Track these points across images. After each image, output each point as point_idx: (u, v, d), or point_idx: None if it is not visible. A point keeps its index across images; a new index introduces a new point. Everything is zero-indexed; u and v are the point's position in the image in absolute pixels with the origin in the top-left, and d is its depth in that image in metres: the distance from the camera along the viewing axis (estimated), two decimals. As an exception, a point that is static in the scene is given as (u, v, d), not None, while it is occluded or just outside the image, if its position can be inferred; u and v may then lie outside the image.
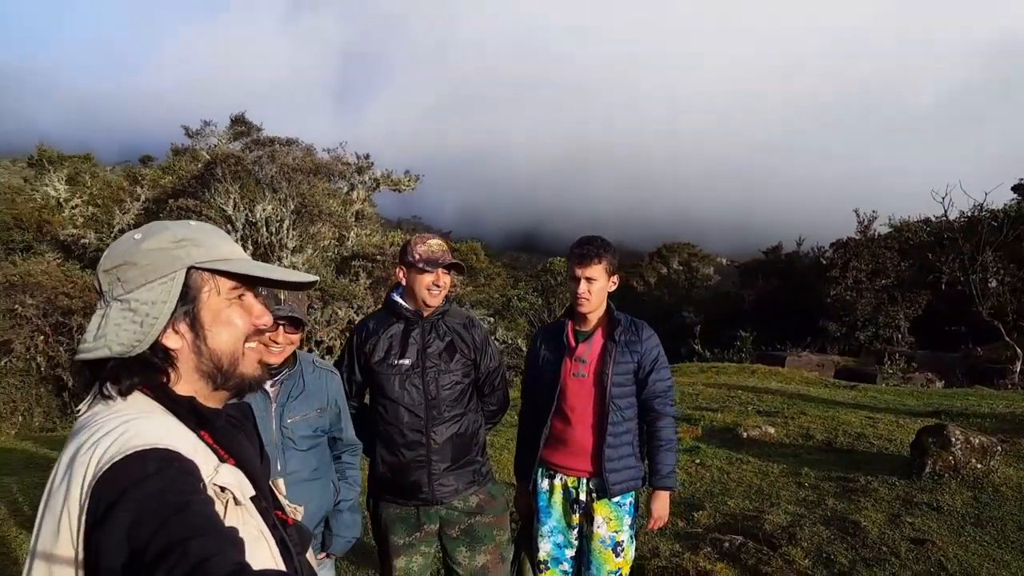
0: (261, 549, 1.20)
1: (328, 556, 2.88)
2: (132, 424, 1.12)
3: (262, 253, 14.63)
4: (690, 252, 32.99)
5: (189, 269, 1.25)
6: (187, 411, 1.23)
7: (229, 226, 14.40)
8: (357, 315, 14.21)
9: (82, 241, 17.78)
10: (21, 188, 21.87)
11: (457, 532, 3.13)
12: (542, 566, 3.39)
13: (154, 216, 16.58)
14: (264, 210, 14.28)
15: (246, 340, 1.30)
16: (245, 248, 15.00)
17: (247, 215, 14.41)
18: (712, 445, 7.68)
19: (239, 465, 1.25)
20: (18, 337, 13.88)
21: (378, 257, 14.85)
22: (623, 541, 3.28)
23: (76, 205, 20.20)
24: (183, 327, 1.25)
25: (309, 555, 1.44)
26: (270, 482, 1.45)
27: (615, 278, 3.32)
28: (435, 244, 3.08)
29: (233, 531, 1.07)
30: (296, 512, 1.51)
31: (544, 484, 3.40)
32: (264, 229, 14.48)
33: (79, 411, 1.22)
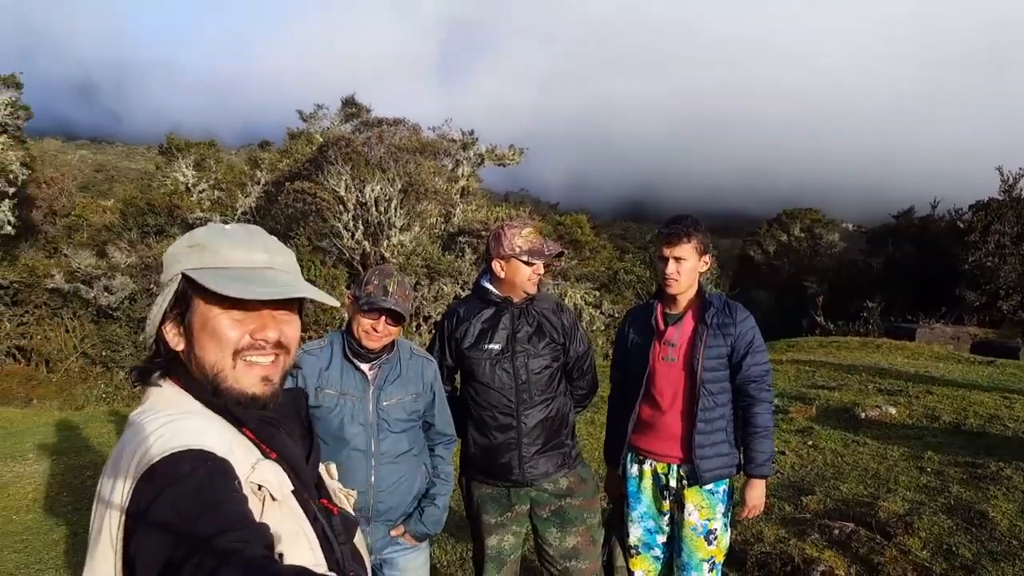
0: (300, 543, 1.21)
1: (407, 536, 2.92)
2: (172, 425, 1.16)
3: (372, 232, 15.03)
4: (813, 218, 31.23)
5: (182, 275, 1.26)
6: (225, 410, 1.26)
7: (341, 206, 14.85)
8: (463, 291, 14.39)
9: (208, 223, 18.76)
10: (153, 174, 23.35)
11: (547, 513, 3.17)
12: (632, 551, 3.35)
13: (273, 199, 17.31)
14: (373, 190, 14.62)
15: (239, 353, 1.26)
16: (355, 228, 15.63)
17: (358, 195, 14.80)
18: (827, 426, 7.31)
19: (282, 459, 1.27)
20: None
21: (483, 233, 14.93)
22: (716, 529, 3.18)
23: (203, 189, 21.38)
24: (180, 331, 1.28)
25: (358, 539, 1.45)
26: (321, 467, 1.48)
27: (707, 258, 3.20)
28: (532, 233, 3.09)
29: (264, 527, 1.10)
30: (349, 496, 1.53)
31: (633, 470, 3.35)
32: (373, 209, 14.84)
33: (136, 387, 1.33)
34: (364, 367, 2.77)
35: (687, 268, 3.11)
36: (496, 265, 3.13)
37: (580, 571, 3.18)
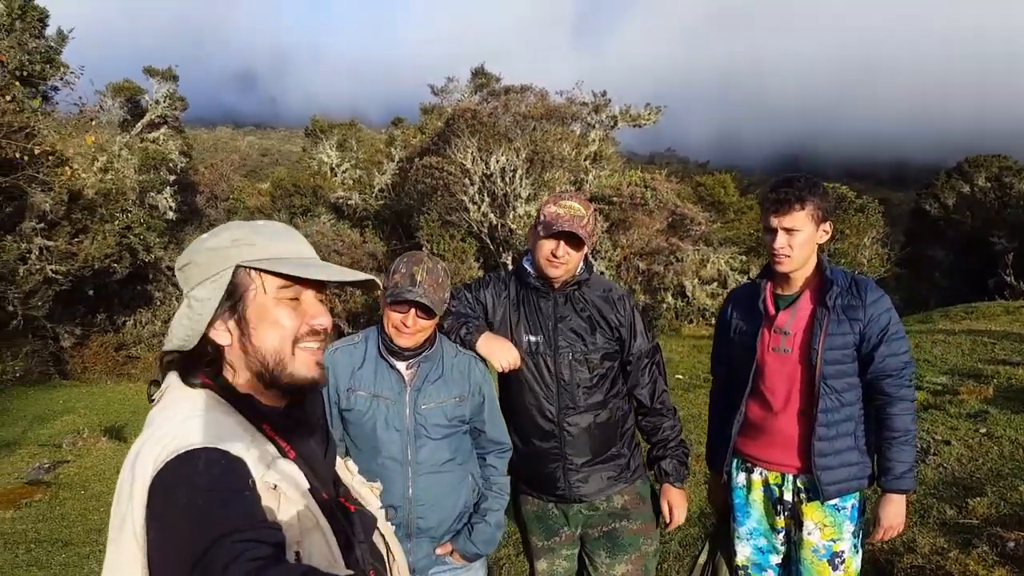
0: (317, 540, 1.22)
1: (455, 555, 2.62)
2: (188, 423, 1.19)
3: (499, 204, 14.88)
4: (1001, 165, 27.73)
5: (236, 267, 1.27)
6: (245, 406, 1.28)
7: (467, 179, 14.78)
8: (594, 259, 13.97)
9: (349, 202, 19.44)
10: (300, 157, 24.47)
11: (598, 533, 2.81)
12: (741, 572, 2.93)
13: (406, 175, 17.58)
14: (498, 161, 14.42)
15: (298, 341, 1.29)
16: (481, 200, 15.56)
17: (483, 167, 14.67)
18: (1006, 411, 6.28)
19: (300, 457, 1.29)
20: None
21: (615, 199, 14.39)
22: (843, 551, 2.71)
23: (345, 169, 22.13)
24: (232, 324, 1.28)
25: (383, 527, 1.48)
26: (340, 463, 1.50)
27: (826, 226, 2.67)
28: (565, 206, 2.58)
29: (274, 527, 1.11)
30: (374, 489, 1.55)
31: (740, 479, 2.92)
32: (499, 180, 14.66)
33: (152, 399, 1.30)
34: (400, 366, 2.46)
35: (801, 240, 2.61)
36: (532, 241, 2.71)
37: None
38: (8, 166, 11.01)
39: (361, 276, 1.34)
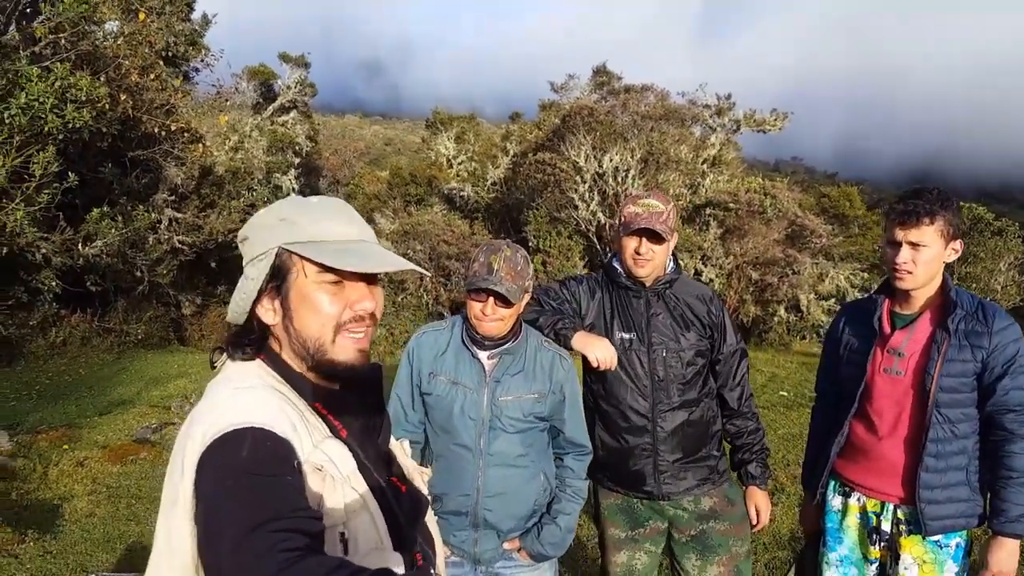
0: (363, 521, 1.21)
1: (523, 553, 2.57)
2: (238, 398, 1.19)
3: (609, 204, 14.68)
4: None
5: (279, 249, 1.26)
6: (298, 383, 1.28)
7: (579, 177, 14.67)
8: (704, 265, 13.55)
9: (461, 194, 19.71)
10: (419, 147, 25.02)
11: (686, 538, 2.76)
12: None
13: (518, 170, 17.63)
14: (612, 160, 14.22)
15: (341, 327, 1.26)
16: (591, 199, 15.38)
17: (596, 166, 14.51)
18: None
19: (351, 436, 1.29)
20: (409, 277, 15.87)
21: (731, 205, 13.91)
22: None
23: (461, 161, 22.45)
24: (276, 304, 1.28)
25: (428, 518, 1.46)
26: (395, 443, 1.50)
27: (956, 244, 2.48)
28: (644, 204, 2.62)
29: (316, 515, 1.10)
30: (424, 475, 1.54)
31: (836, 502, 2.75)
32: (611, 179, 14.46)
33: (214, 365, 1.33)
34: (482, 356, 2.45)
35: (927, 257, 2.42)
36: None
37: None
38: (147, 140, 11.76)
39: (404, 265, 1.31)
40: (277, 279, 1.27)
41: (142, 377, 10.45)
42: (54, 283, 10.47)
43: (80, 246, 10.46)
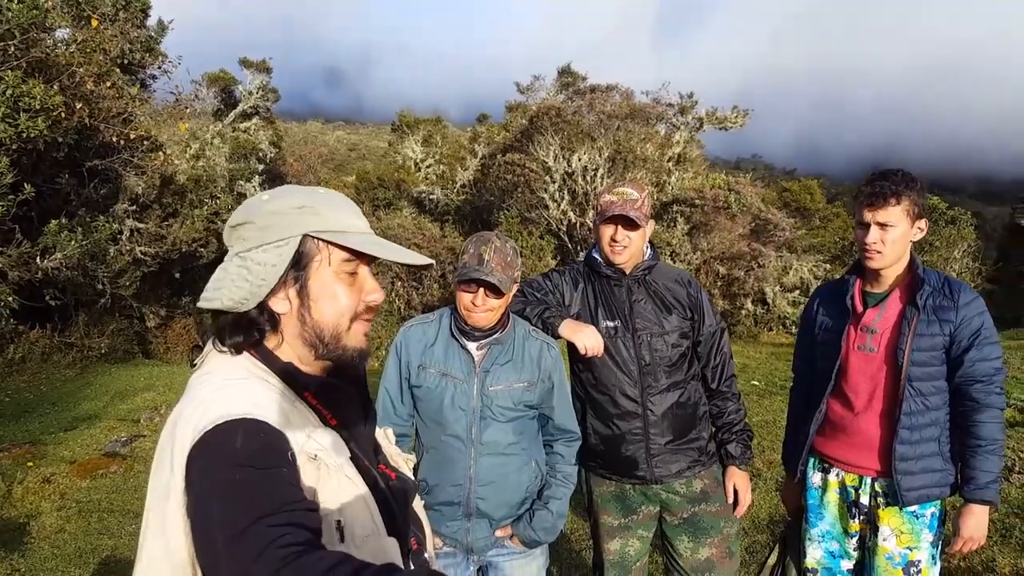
0: (358, 509, 1.21)
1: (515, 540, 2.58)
2: (228, 390, 1.17)
3: (579, 203, 14.72)
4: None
5: (304, 236, 1.25)
6: (286, 373, 1.26)
7: (548, 177, 14.69)
8: (673, 262, 13.62)
9: (431, 197, 19.63)
10: (386, 151, 24.88)
11: (678, 520, 2.79)
12: (810, 575, 2.82)
13: (488, 172, 17.61)
14: (580, 159, 14.26)
15: (355, 316, 1.28)
16: (561, 198, 15.41)
17: (565, 165, 14.54)
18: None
19: (341, 426, 1.28)
20: (381, 282, 15.79)
21: (697, 202, 14.03)
22: (920, 561, 2.58)
23: (429, 164, 22.37)
24: (292, 293, 1.26)
25: (416, 504, 1.47)
26: (379, 431, 1.50)
27: (921, 223, 2.57)
28: (618, 193, 2.68)
29: (313, 507, 1.09)
30: (408, 461, 1.55)
31: (815, 479, 2.81)
32: (580, 178, 14.50)
33: (194, 364, 1.30)
34: (471, 347, 2.46)
35: (894, 236, 2.51)
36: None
37: None
38: (105, 149, 11.50)
39: (422, 260, 1.34)
40: (298, 268, 1.25)
41: (107, 391, 10.21)
42: (11, 298, 10.16)
43: (38, 259, 10.20)
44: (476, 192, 19.26)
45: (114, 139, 11.22)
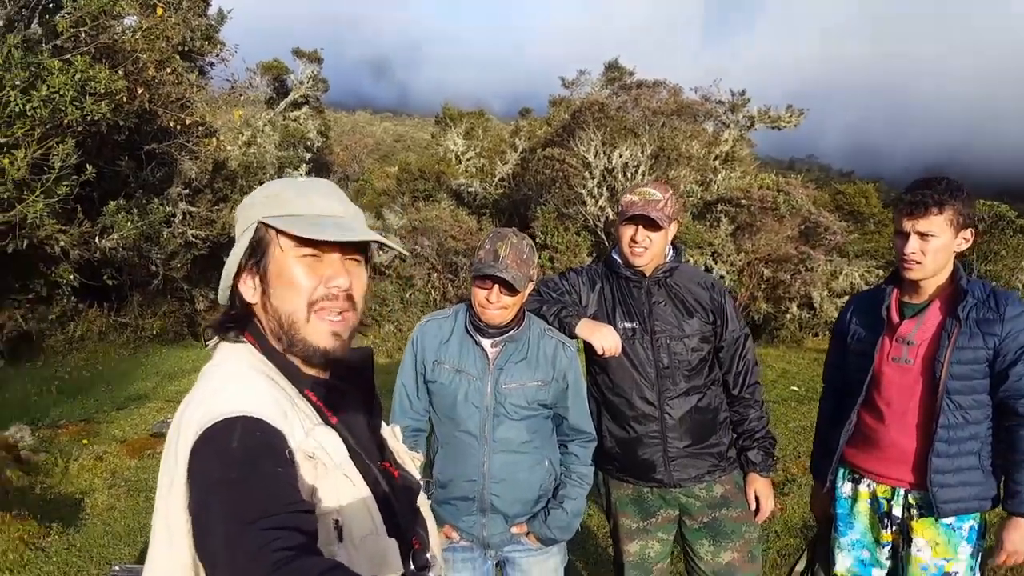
0: (357, 509, 1.21)
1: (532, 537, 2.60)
2: (230, 385, 1.19)
3: (617, 199, 14.60)
4: None
5: (259, 223, 1.27)
6: (288, 368, 1.27)
7: (587, 172, 14.67)
8: (714, 262, 13.52)
9: (469, 189, 19.74)
10: (428, 143, 25.03)
11: (699, 524, 2.77)
12: None
13: (528, 165, 17.64)
14: (621, 155, 14.22)
15: (313, 304, 1.25)
16: (599, 194, 15.35)
17: (605, 162, 14.50)
18: None
19: (342, 424, 1.28)
20: (417, 273, 15.94)
21: (743, 201, 13.87)
22: (957, 573, 2.53)
23: (470, 157, 22.45)
24: (256, 282, 1.28)
25: (421, 502, 1.46)
26: (387, 428, 1.49)
27: (967, 233, 2.48)
28: (640, 193, 2.64)
29: (309, 508, 1.09)
30: (416, 460, 1.53)
31: (846, 489, 2.77)
32: (620, 175, 14.46)
33: (207, 345, 1.33)
34: (486, 343, 2.47)
35: (935, 247, 2.43)
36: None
37: None
38: (163, 133, 11.87)
39: (377, 238, 1.29)
40: (256, 254, 1.27)
41: (158, 372, 10.55)
42: (72, 276, 10.59)
43: (97, 239, 10.58)
44: (514, 186, 19.28)
45: (171, 124, 11.57)
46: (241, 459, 1.07)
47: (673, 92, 16.16)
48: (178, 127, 11.77)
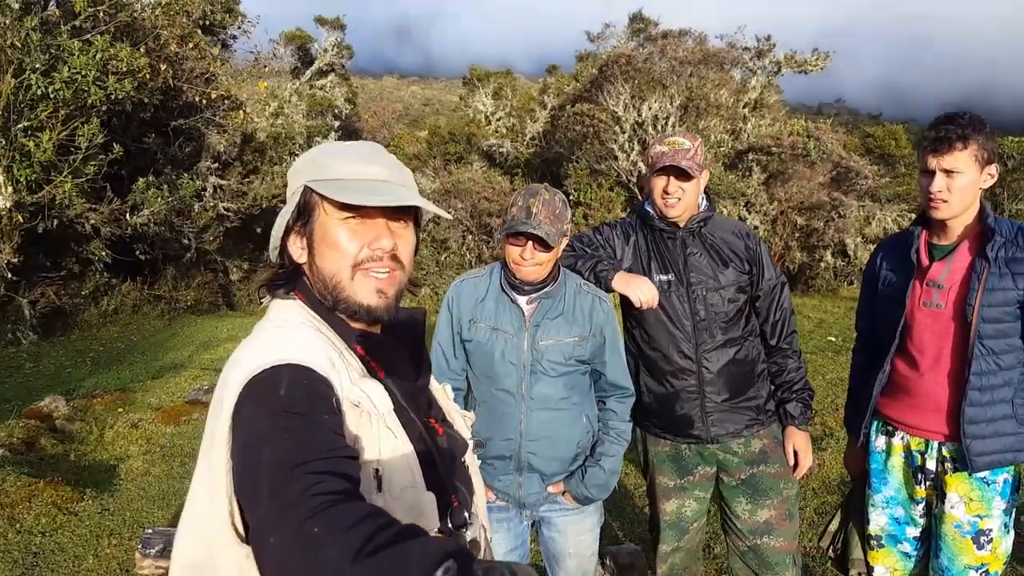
0: (398, 461, 1.22)
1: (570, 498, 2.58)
2: (279, 336, 1.22)
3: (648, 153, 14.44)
4: None
5: (304, 187, 1.30)
6: (336, 322, 1.30)
7: (618, 127, 14.46)
8: (747, 212, 13.29)
9: (500, 150, 19.60)
10: (457, 105, 24.84)
11: (736, 481, 2.75)
12: (874, 542, 2.73)
13: (557, 123, 17.44)
14: (650, 108, 13.96)
15: (358, 265, 1.28)
16: (631, 148, 15.14)
17: (635, 115, 14.26)
18: None
19: (388, 376, 1.29)
20: (452, 236, 15.96)
21: (774, 149, 13.56)
22: (991, 530, 2.47)
23: (499, 117, 22.27)
24: (303, 243, 1.32)
25: (469, 461, 1.47)
26: (437, 386, 1.51)
27: (992, 169, 2.40)
28: (670, 143, 2.59)
29: (353, 455, 1.10)
30: (466, 419, 1.55)
31: (879, 442, 2.70)
32: (651, 127, 14.21)
33: (261, 302, 1.37)
34: (521, 301, 2.45)
35: (961, 184, 2.34)
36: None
37: (773, 549, 2.73)
38: (189, 109, 11.95)
39: (420, 202, 1.30)
40: (304, 217, 1.31)
41: (192, 342, 10.68)
42: (104, 253, 10.77)
43: (128, 216, 10.74)
44: (545, 144, 19.12)
45: (197, 99, 11.63)
46: (287, 405, 1.09)
47: (699, 40, 15.80)
48: (204, 102, 11.84)
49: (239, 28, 14.49)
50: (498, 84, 23.27)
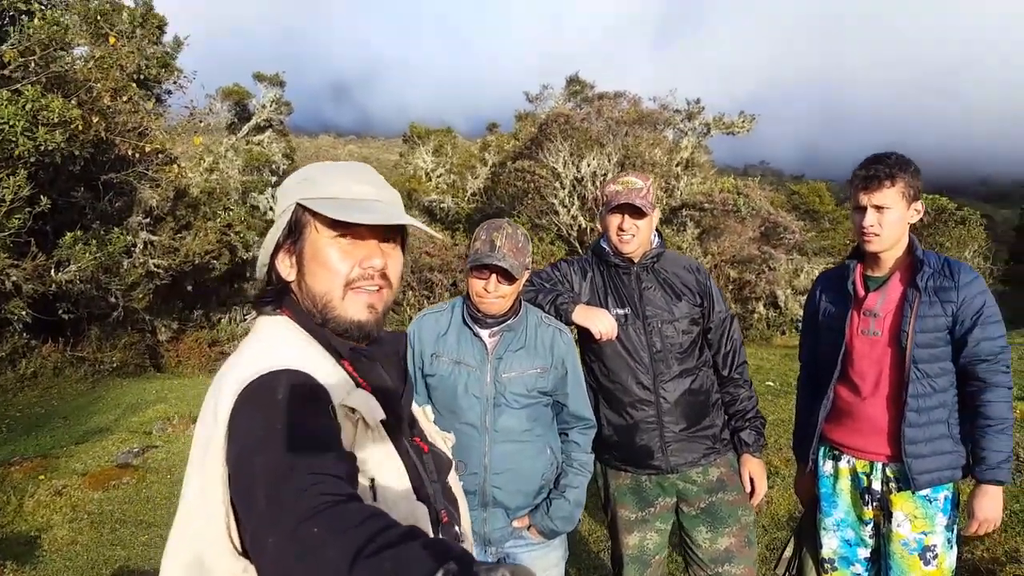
0: (390, 471, 1.23)
1: (534, 531, 2.56)
2: (274, 346, 1.24)
3: (588, 208, 14.79)
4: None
5: (296, 205, 1.30)
6: (322, 337, 1.29)
7: (558, 183, 14.76)
8: (684, 267, 13.64)
9: (441, 205, 19.74)
10: (397, 163, 25.02)
11: (696, 510, 2.77)
12: (827, 565, 2.80)
13: (498, 179, 17.73)
14: (589, 164, 14.34)
15: (350, 284, 1.28)
16: (571, 203, 15.47)
17: (574, 171, 14.61)
18: None
19: (376, 392, 1.28)
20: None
21: (706, 205, 14.06)
22: (935, 546, 2.56)
23: (440, 174, 22.48)
24: (293, 260, 1.31)
25: (453, 480, 1.47)
26: (418, 408, 1.52)
27: (917, 205, 2.59)
28: (623, 182, 2.70)
29: (351, 458, 1.11)
30: (447, 440, 1.55)
31: (827, 467, 2.80)
32: (590, 183, 14.57)
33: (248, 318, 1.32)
34: (483, 334, 2.46)
35: (891, 219, 2.53)
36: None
37: None
38: (121, 162, 11.66)
39: (411, 222, 1.34)
40: (294, 234, 1.30)
41: (119, 405, 10.13)
42: (24, 312, 10.26)
43: (53, 272, 10.32)
44: (487, 200, 19.38)
45: (129, 152, 11.39)
46: (286, 408, 1.09)
47: (633, 102, 16.43)
48: (136, 155, 11.60)
49: (174, 83, 14.34)
50: (439, 142, 23.60)
